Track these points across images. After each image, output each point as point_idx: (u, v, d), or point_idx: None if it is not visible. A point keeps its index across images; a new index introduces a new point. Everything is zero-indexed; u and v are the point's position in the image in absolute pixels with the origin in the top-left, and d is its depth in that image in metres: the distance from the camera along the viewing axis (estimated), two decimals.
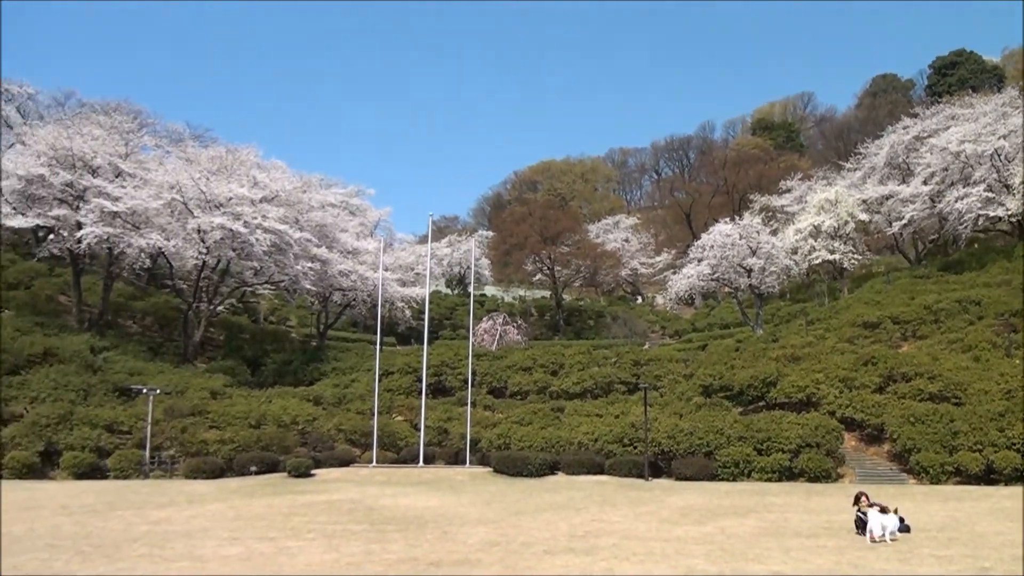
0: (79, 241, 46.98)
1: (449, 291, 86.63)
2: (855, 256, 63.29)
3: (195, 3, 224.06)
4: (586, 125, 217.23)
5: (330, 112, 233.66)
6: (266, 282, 55.97)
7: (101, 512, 22.89)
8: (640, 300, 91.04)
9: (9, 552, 16.13)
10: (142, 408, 37.22)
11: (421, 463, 37.21)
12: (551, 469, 35.20)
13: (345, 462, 37.43)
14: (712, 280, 61.52)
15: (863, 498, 18.97)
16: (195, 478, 33.86)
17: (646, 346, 61.30)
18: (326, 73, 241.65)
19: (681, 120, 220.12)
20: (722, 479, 32.70)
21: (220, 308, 55.22)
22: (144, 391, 37.52)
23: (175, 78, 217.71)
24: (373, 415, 39.41)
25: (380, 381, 42.92)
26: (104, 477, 34.07)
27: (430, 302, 48.88)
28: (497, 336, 63.52)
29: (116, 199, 47.27)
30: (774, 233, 63.29)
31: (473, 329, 48.80)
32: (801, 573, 14.03)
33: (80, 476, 33.67)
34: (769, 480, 32.27)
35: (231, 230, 49.16)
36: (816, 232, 63.06)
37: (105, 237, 47.01)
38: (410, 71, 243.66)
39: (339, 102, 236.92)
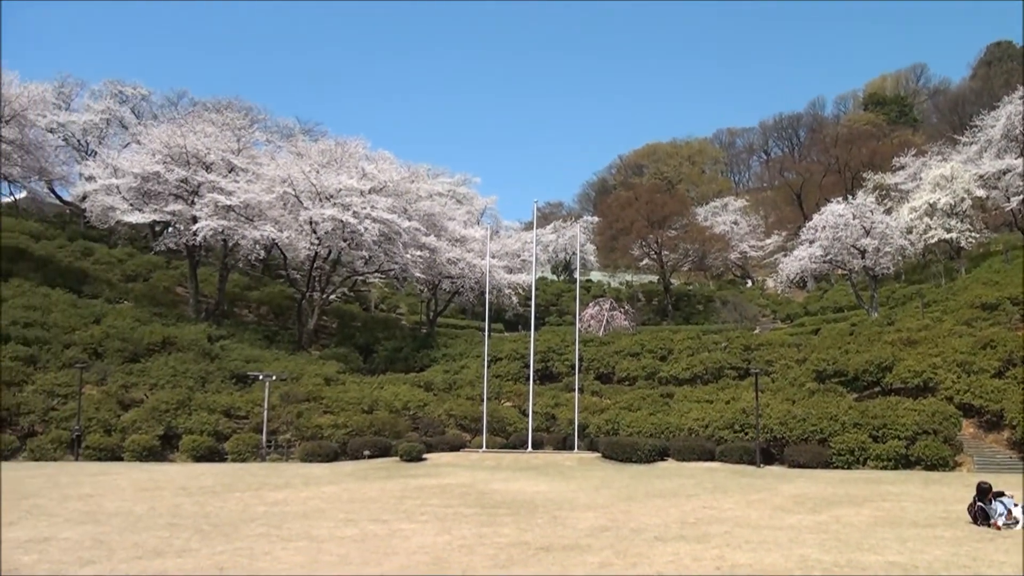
0: (195, 234, 48.57)
1: (555, 277, 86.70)
2: (972, 234, 60.75)
3: (302, 2, 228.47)
4: (692, 106, 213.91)
5: (436, 103, 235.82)
6: (376, 271, 56.98)
7: (220, 493, 23.58)
8: (750, 284, 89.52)
9: (133, 530, 16.78)
10: (258, 394, 38.40)
11: (530, 448, 37.38)
12: (660, 455, 35.04)
13: (455, 447, 37.92)
14: (824, 262, 60.04)
15: (988, 492, 18.02)
16: (310, 461, 34.73)
17: (757, 330, 60.38)
18: (431, 65, 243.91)
19: (790, 97, 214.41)
20: (836, 467, 32.02)
21: (332, 297, 56.44)
22: (260, 377, 38.72)
23: (285, 74, 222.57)
24: (482, 401, 39.81)
25: (489, 367, 43.21)
26: (222, 460, 35.23)
27: (536, 288, 49.05)
28: (604, 322, 63.36)
29: (229, 193, 48.69)
30: (888, 212, 61.38)
31: (579, 315, 48.80)
32: (917, 564, 13.72)
33: (199, 459, 34.86)
34: (884, 468, 31.47)
35: (341, 221, 50.21)
36: (931, 210, 60.79)
37: (220, 230, 48.50)
38: (513, 58, 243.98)
39: (445, 94, 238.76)
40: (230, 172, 51.38)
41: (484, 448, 37.51)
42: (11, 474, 28.01)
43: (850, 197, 61.10)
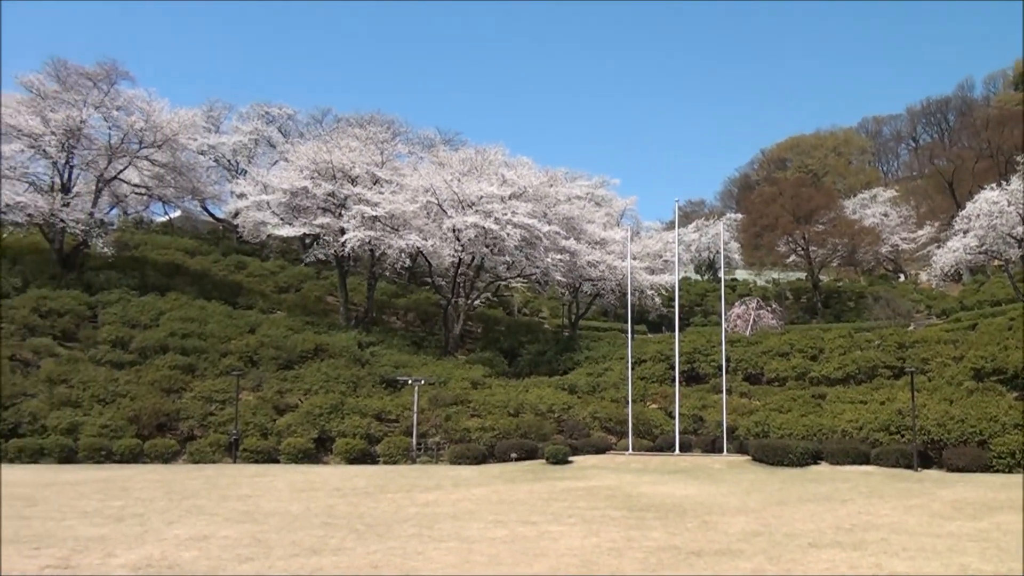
0: (343, 245, 50.02)
1: (699, 277, 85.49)
2: None
3: (436, 6, 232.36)
4: (835, 95, 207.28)
5: (573, 105, 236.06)
6: (518, 275, 57.40)
7: (372, 494, 24.10)
8: (903, 278, 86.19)
9: (289, 529, 17.31)
10: (408, 398, 39.20)
11: (677, 451, 36.92)
12: (813, 458, 33.99)
13: (601, 449, 37.74)
14: (980, 253, 57.12)
15: None
16: (459, 464, 35.21)
17: (911, 327, 58.05)
18: (566, 68, 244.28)
19: (937, 80, 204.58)
20: (996, 471, 30.15)
21: (477, 302, 57.11)
22: (409, 382, 39.56)
23: (424, 87, 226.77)
24: (627, 403, 39.56)
25: (633, 369, 42.89)
26: (374, 462, 36.06)
27: (680, 289, 48.42)
28: (751, 321, 62.11)
29: (375, 205, 49.89)
30: None
31: (725, 315, 47.91)
32: None
33: (352, 461, 35.79)
34: None
35: (483, 227, 50.80)
36: None
37: (367, 240, 49.77)
38: (649, 57, 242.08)
39: (581, 96, 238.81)
40: (375, 184, 52.65)
41: (630, 451, 37.22)
42: (172, 475, 29.43)
43: (1004, 183, 58.01)
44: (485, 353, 51.86)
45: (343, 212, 50.98)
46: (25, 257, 52.15)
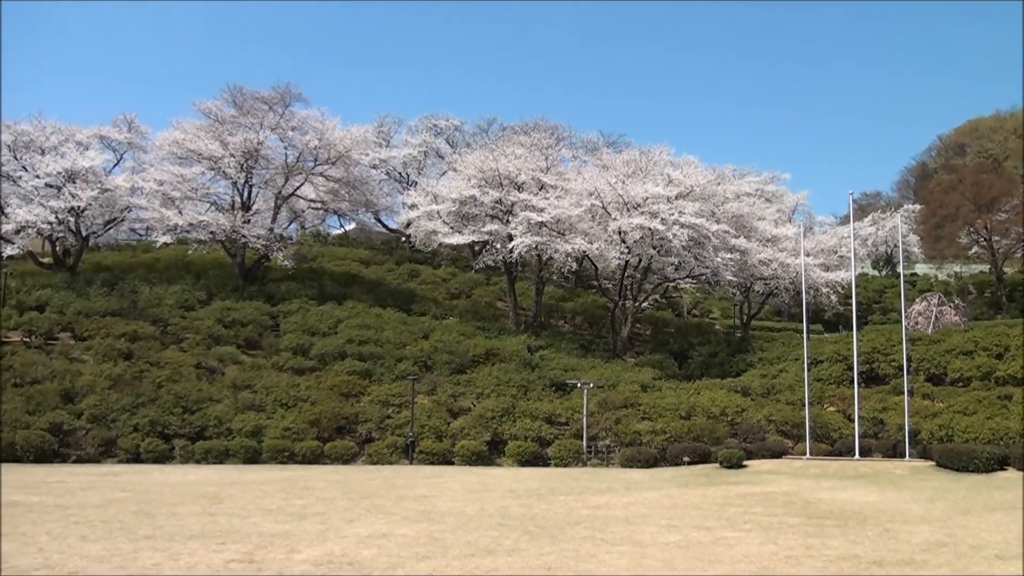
0: (511, 251, 50.74)
1: (876, 272, 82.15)
2: None
3: (598, 7, 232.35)
4: (1014, 72, 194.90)
5: (739, 101, 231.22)
6: (687, 276, 56.69)
7: (544, 496, 24.18)
8: None
9: (464, 529, 17.51)
10: (577, 401, 39.34)
11: (857, 455, 35.60)
12: (999, 464, 32.01)
13: (777, 453, 36.83)
14: None
15: None
16: (630, 467, 35.11)
17: None
18: (730, 64, 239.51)
19: None
20: None
21: (644, 304, 56.74)
22: (579, 385, 39.73)
23: (587, 91, 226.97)
24: (804, 406, 38.46)
25: (809, 370, 41.66)
26: (546, 464, 36.37)
27: (856, 285, 46.70)
28: (932, 318, 59.21)
29: (541, 210, 50.37)
30: None
31: (905, 312, 45.84)
32: None
33: (524, 463, 36.24)
34: None
35: (649, 228, 50.40)
36: None
37: (534, 245, 50.33)
38: (812, 45, 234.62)
39: (747, 91, 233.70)
40: (540, 190, 53.13)
41: (807, 455, 36.16)
42: (351, 476, 30.43)
43: None
44: (654, 355, 51.42)
45: (510, 218, 51.66)
46: (209, 272, 55.33)
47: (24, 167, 53.49)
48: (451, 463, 36.10)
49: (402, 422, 38.20)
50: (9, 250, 52.22)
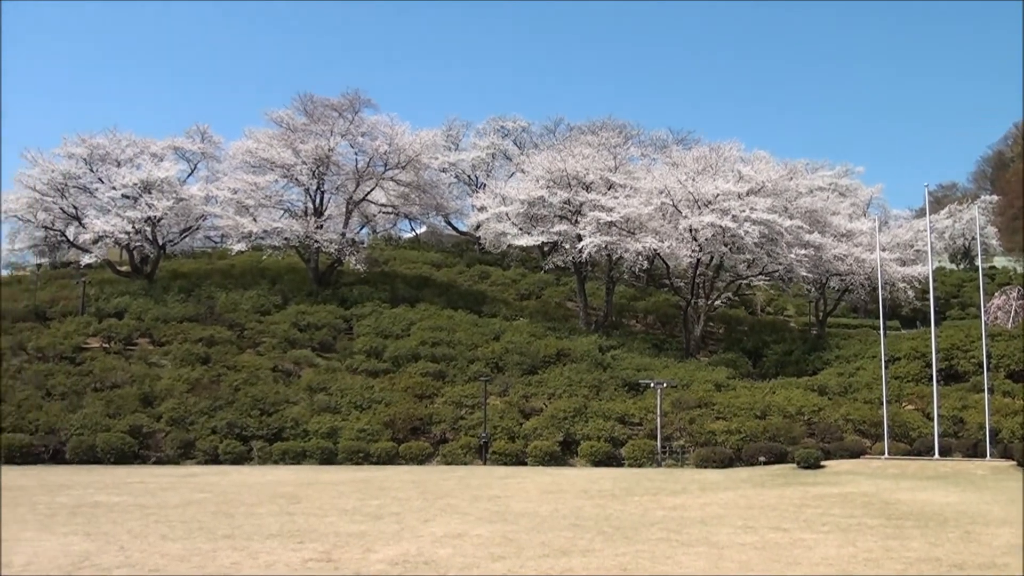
0: (580, 252, 50.50)
1: (953, 266, 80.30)
2: None
3: (662, 7, 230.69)
4: None
5: (811, 95, 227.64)
6: (760, 273, 56.00)
7: (619, 497, 24.16)
8: None
9: (539, 529, 17.55)
10: (650, 401, 39.11)
11: (936, 455, 34.82)
12: None
13: (855, 453, 36.13)
14: None
15: None
16: (705, 467, 34.79)
17: None
18: (801, 56, 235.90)
19: None
20: None
21: (717, 303, 56.23)
22: (651, 385, 39.48)
23: (650, 89, 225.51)
24: (881, 404, 37.77)
25: (886, 368, 40.84)
26: (619, 465, 36.21)
27: (933, 280, 45.66)
28: (1012, 312, 57.72)
29: (610, 210, 50.09)
30: None
31: (984, 306, 44.75)
32: None
33: (597, 464, 36.10)
34: None
35: (720, 226, 49.92)
36: None
37: (603, 245, 50.08)
38: (884, 40, 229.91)
39: (818, 84, 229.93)
40: (609, 189, 52.92)
41: (886, 455, 35.45)
42: (426, 476, 30.79)
43: None
44: (728, 354, 50.91)
45: (579, 219, 51.55)
46: (284, 277, 56.25)
47: (100, 179, 55.11)
48: (524, 463, 36.18)
49: (475, 423, 38.41)
50: (87, 259, 54.18)
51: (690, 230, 51.00)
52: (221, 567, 13.33)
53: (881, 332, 41.88)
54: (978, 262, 53.74)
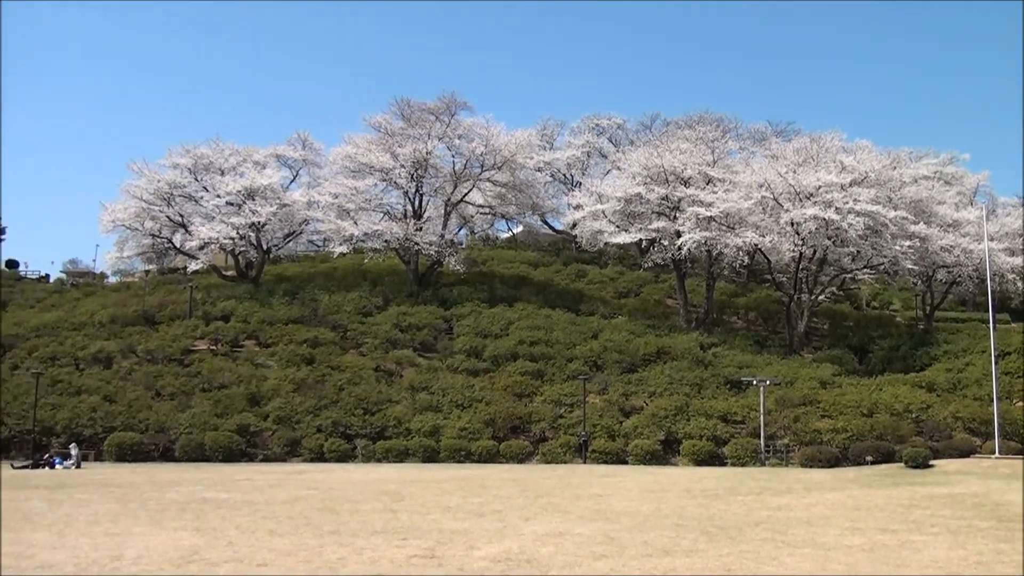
0: (679, 248, 50.11)
1: None
2: None
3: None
4: None
5: (912, 80, 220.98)
6: (864, 266, 54.72)
7: (722, 496, 23.90)
8: None
9: (641, 528, 17.50)
10: (753, 399, 38.64)
11: None
12: None
13: (964, 452, 35.06)
14: None
15: None
16: (810, 467, 34.20)
17: None
18: (904, 41, 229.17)
19: None
20: None
21: (821, 297, 55.19)
22: (754, 382, 39.00)
23: (750, 81, 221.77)
24: (992, 401, 36.64)
25: (996, 363, 39.47)
26: (722, 464, 35.91)
27: None
28: None
29: (709, 205, 49.60)
30: None
31: None
32: None
33: (699, 462, 35.88)
34: None
35: (823, 218, 48.94)
36: None
37: (703, 241, 49.58)
38: (986, 21, 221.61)
39: (920, 69, 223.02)
40: (707, 184, 52.37)
41: (996, 454, 34.33)
42: (526, 474, 30.99)
43: None
44: (833, 350, 49.92)
45: (677, 214, 51.16)
46: (385, 278, 57.21)
47: (205, 187, 57.05)
48: (625, 462, 36.13)
49: (575, 421, 38.53)
50: (194, 265, 56.15)
51: (792, 223, 50.13)
52: (327, 562, 13.64)
53: (990, 326, 40.57)
54: None
